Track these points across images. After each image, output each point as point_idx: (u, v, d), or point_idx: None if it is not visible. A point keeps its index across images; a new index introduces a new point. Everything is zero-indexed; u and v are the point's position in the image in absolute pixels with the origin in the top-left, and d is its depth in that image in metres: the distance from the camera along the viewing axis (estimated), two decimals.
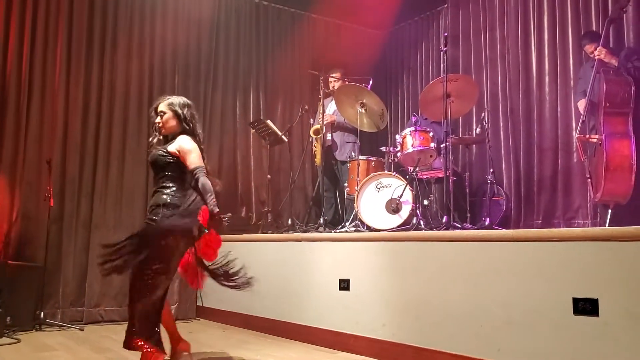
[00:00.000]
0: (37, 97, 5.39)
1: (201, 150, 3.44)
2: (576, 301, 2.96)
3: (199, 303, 5.94)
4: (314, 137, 6.17)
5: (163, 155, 3.37)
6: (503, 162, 5.99)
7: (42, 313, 5.04)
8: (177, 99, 3.52)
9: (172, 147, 3.38)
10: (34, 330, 4.90)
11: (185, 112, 3.46)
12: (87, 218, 5.48)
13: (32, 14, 5.42)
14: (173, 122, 3.45)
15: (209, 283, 5.83)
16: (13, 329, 4.71)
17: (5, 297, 4.65)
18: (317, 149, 6.13)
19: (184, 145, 3.35)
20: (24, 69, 5.34)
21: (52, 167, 5.20)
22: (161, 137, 3.50)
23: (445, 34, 5.20)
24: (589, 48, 4.89)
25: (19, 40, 5.34)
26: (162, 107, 3.48)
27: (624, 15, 4.76)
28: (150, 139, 3.58)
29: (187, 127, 3.45)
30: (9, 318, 4.72)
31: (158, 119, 3.47)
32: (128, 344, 3.20)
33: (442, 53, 4.96)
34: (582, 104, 4.88)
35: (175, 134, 3.44)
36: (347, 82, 6.04)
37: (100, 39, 5.79)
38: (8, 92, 5.26)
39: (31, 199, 5.27)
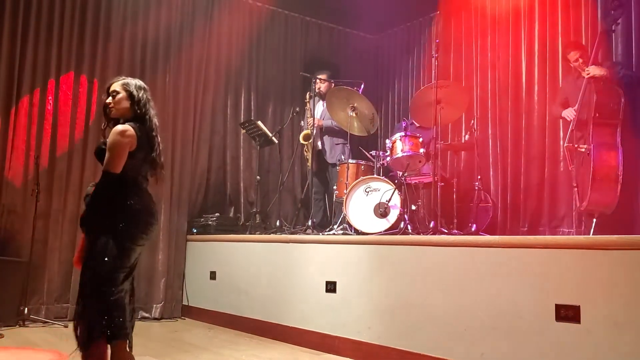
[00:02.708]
0: (26, 92, 5.36)
1: (153, 138, 3.08)
2: (558, 308, 3.00)
3: (184, 302, 5.93)
4: (304, 142, 6.16)
5: (102, 149, 3.03)
6: (491, 169, 6.04)
7: (26, 309, 5.01)
8: (133, 80, 3.16)
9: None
10: (17, 326, 4.87)
11: (140, 94, 3.09)
12: (73, 214, 5.45)
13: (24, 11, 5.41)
14: (126, 104, 3.06)
15: (195, 282, 5.88)
16: None
17: None
18: (308, 152, 6.14)
19: (110, 137, 2.94)
20: (15, 63, 5.32)
21: (40, 163, 5.19)
22: (110, 124, 3.10)
23: (437, 41, 5.24)
24: (573, 55, 4.93)
25: (11, 34, 5.32)
26: (115, 86, 3.10)
27: (615, 28, 4.81)
28: (102, 126, 3.21)
29: (138, 112, 3.06)
30: None
31: (110, 99, 3.08)
32: None
33: (433, 59, 4.99)
34: (568, 114, 4.93)
35: (125, 118, 3.06)
36: (333, 84, 6.07)
37: (93, 35, 5.77)
38: None
39: (17, 193, 5.24)
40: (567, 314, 2.93)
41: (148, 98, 3.13)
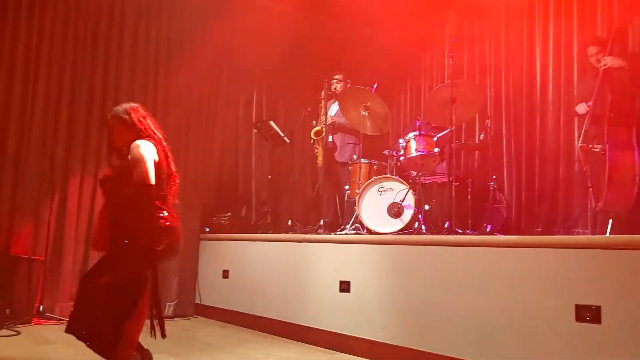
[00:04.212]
0: (42, 92, 5.39)
1: (165, 149, 3.17)
2: (579, 308, 2.98)
3: (197, 301, 5.94)
4: (315, 138, 6.18)
5: (107, 178, 3.14)
6: (505, 169, 6.00)
7: (41, 306, 5.04)
8: (121, 106, 3.20)
9: None
10: (32, 323, 4.89)
11: (132, 116, 3.13)
12: (87, 214, 5.47)
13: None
14: (123, 131, 3.12)
15: (208, 280, 5.89)
16: (12, 321, 4.71)
17: (5, 290, 4.64)
18: (319, 151, 6.14)
19: (131, 154, 3.01)
20: (31, 63, 5.35)
21: (55, 161, 5.23)
22: (115, 153, 3.18)
23: (452, 40, 5.21)
24: (591, 50, 4.89)
25: (27, 32, 5.36)
26: (109, 120, 3.20)
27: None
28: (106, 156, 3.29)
29: (136, 131, 3.11)
30: (8, 310, 4.74)
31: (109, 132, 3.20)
32: None
33: (448, 58, 4.98)
34: (580, 108, 4.90)
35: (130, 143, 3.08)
36: (349, 85, 6.06)
37: (106, 36, 5.79)
38: (13, 85, 5.26)
39: (33, 192, 5.27)
40: (588, 314, 2.91)
41: (142, 115, 3.19)
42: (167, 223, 3.01)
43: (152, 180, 2.93)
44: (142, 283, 3.05)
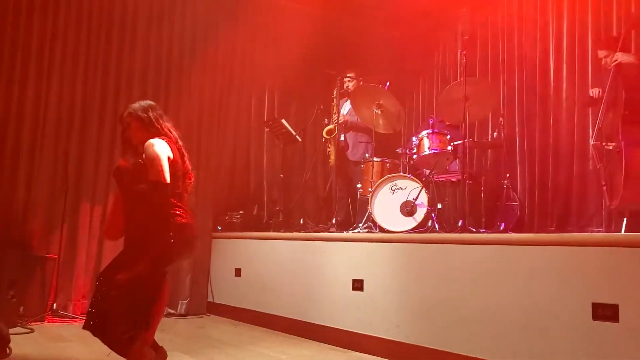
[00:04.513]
0: (55, 90, 5.42)
1: (181, 148, 3.18)
2: (595, 306, 2.95)
3: (209, 299, 5.95)
4: (327, 137, 6.16)
5: (121, 169, 3.14)
6: (518, 167, 5.97)
7: (54, 304, 5.08)
8: (137, 104, 3.22)
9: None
10: (46, 321, 4.92)
11: (148, 114, 3.14)
12: (100, 212, 5.49)
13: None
14: (140, 129, 3.14)
15: (220, 279, 5.89)
16: (26, 319, 4.74)
17: (19, 288, 4.67)
18: (331, 150, 6.13)
19: (146, 152, 3.02)
20: (45, 62, 5.38)
21: (69, 160, 5.26)
22: (130, 151, 3.20)
23: (466, 37, 5.18)
24: (601, 53, 4.85)
25: (40, 32, 5.38)
26: (125, 117, 3.19)
27: None
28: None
29: (153, 130, 3.12)
30: (22, 308, 4.76)
31: (124, 129, 3.20)
32: None
33: (462, 56, 4.96)
34: (594, 91, 4.85)
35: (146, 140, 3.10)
36: (361, 83, 6.04)
37: (120, 37, 5.82)
38: (27, 84, 5.29)
39: (48, 190, 5.30)
40: (605, 312, 2.88)
41: (159, 114, 3.21)
42: (183, 220, 3.03)
43: (168, 179, 2.94)
44: (159, 280, 3.05)
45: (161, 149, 3.00)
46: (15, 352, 3.60)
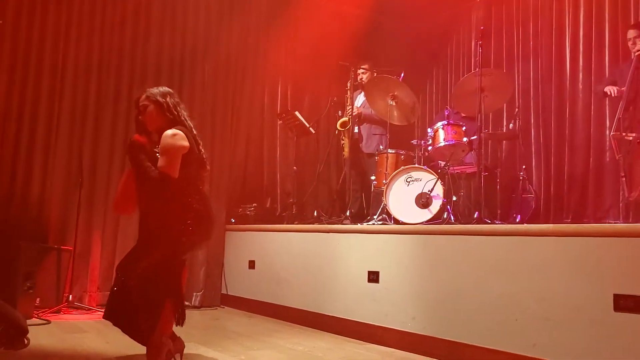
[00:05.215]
0: (69, 82, 5.43)
1: (196, 137, 3.13)
2: (617, 298, 2.91)
3: (223, 291, 5.96)
4: (341, 129, 6.13)
5: (134, 143, 3.04)
6: (533, 158, 5.92)
7: (70, 296, 5.10)
8: (157, 89, 3.17)
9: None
10: (61, 313, 4.94)
11: (167, 99, 3.10)
12: None
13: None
14: (156, 114, 3.09)
15: (234, 271, 5.90)
16: (42, 310, 4.77)
17: (35, 279, 4.69)
18: (345, 142, 6.10)
19: (163, 141, 2.97)
20: (59, 55, 5.39)
21: (83, 152, 5.28)
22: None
23: (482, 28, 5.13)
24: (631, 33, 4.76)
25: (55, 25, 5.39)
26: (142, 100, 3.12)
27: None
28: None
29: (171, 116, 3.08)
30: (38, 299, 4.79)
31: (140, 113, 3.13)
32: None
33: (477, 46, 4.91)
34: (609, 89, 4.79)
35: (161, 126, 3.06)
36: (375, 74, 6.00)
37: (133, 26, 5.82)
38: (42, 77, 5.30)
39: (63, 183, 5.32)
40: (627, 304, 2.85)
41: (176, 101, 3.16)
42: (201, 207, 3.02)
43: (175, 174, 2.91)
44: (178, 269, 3.05)
45: (179, 142, 2.96)
46: (32, 343, 3.61)
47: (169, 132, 2.97)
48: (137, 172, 3.00)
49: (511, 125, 5.40)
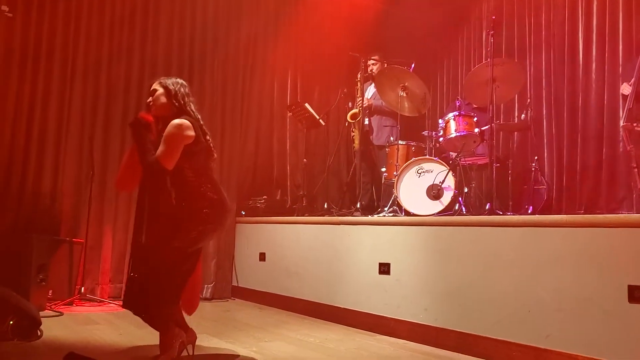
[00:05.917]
0: (80, 74, 5.45)
1: (202, 127, 3.12)
2: (632, 289, 2.89)
3: (234, 283, 5.97)
4: (352, 121, 6.11)
5: (139, 121, 3.06)
6: (545, 150, 5.86)
7: (82, 288, 5.13)
8: (170, 78, 3.19)
9: None
10: (74, 305, 4.97)
11: (177, 88, 3.10)
12: (126, 196, 5.52)
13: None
14: (164, 99, 3.08)
15: (245, 263, 5.91)
16: (54, 302, 4.81)
17: (48, 272, 4.72)
18: (355, 134, 6.08)
19: (167, 129, 2.96)
20: (70, 49, 5.40)
21: (94, 145, 5.29)
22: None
23: (493, 17, 5.08)
24: None
25: (65, 16, 5.40)
26: (154, 85, 3.15)
27: None
28: None
29: (177, 105, 3.07)
30: (50, 291, 4.82)
31: (149, 98, 3.13)
32: None
33: (489, 36, 4.85)
34: (624, 89, 4.75)
35: (167, 114, 3.06)
36: (386, 65, 5.96)
37: (142, 18, 5.82)
38: (52, 71, 5.32)
39: (74, 176, 5.34)
40: None
41: (187, 92, 3.15)
42: (215, 196, 3.03)
43: (170, 166, 2.89)
44: (194, 256, 3.06)
45: (184, 132, 2.94)
46: (45, 335, 3.65)
47: (176, 121, 2.95)
48: (137, 150, 2.98)
49: (523, 116, 5.36)
